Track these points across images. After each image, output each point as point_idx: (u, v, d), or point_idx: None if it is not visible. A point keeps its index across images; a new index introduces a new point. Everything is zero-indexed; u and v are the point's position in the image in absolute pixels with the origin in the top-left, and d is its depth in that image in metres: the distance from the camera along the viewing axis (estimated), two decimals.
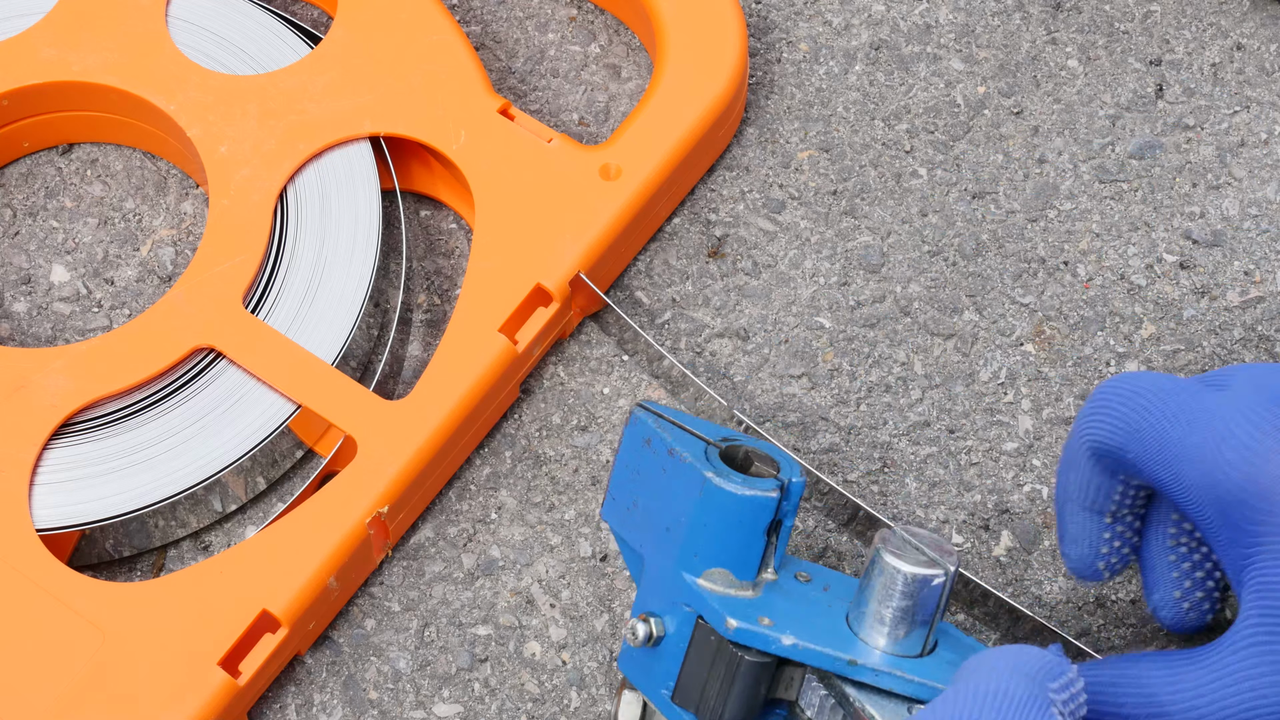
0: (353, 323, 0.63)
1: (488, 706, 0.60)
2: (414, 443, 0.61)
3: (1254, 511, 0.46)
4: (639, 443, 0.52)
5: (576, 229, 0.65)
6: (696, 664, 0.50)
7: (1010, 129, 0.71)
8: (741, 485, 0.49)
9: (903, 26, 0.74)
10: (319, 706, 0.60)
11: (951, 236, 0.69)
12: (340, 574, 0.59)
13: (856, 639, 0.50)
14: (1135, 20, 0.74)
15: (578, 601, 0.62)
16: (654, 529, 0.51)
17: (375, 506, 0.59)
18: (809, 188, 0.70)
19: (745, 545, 0.50)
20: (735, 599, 0.50)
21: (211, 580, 0.58)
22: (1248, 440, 0.46)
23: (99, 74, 0.68)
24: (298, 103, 0.67)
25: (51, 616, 0.58)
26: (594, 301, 0.65)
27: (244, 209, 0.65)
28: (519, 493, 0.64)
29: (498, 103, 0.67)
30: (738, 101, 0.69)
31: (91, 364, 0.63)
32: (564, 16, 0.75)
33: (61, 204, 0.71)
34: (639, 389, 0.66)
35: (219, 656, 0.57)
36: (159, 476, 0.61)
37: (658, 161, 0.66)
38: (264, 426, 0.62)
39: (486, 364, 0.62)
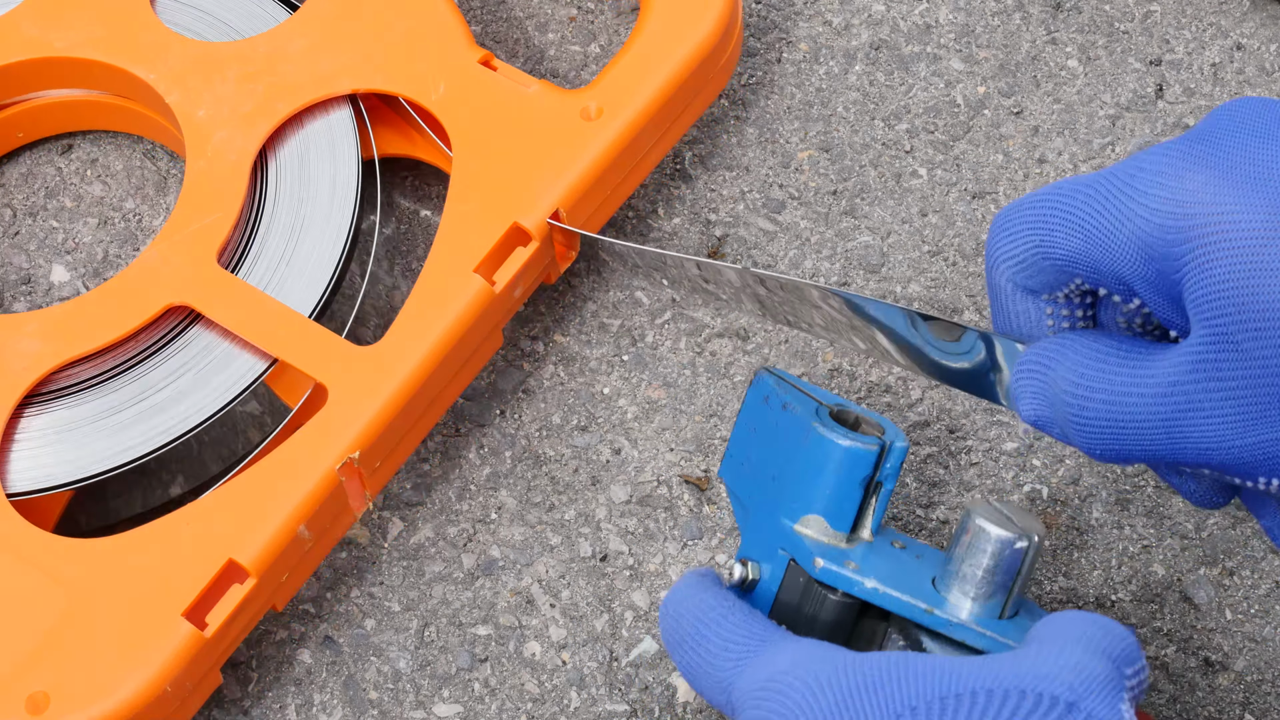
0: (329, 278, 0.63)
1: (488, 706, 0.60)
2: (385, 387, 0.59)
3: (1172, 233, 0.44)
4: (758, 400, 0.55)
5: (555, 169, 0.64)
6: (785, 604, 0.53)
7: (1010, 129, 0.71)
8: (843, 436, 0.52)
9: (903, 26, 0.74)
10: (319, 706, 0.60)
11: (951, 236, 0.69)
12: (312, 523, 0.58)
13: (939, 595, 0.52)
14: (1135, 20, 0.74)
15: (578, 601, 0.62)
16: (761, 479, 0.54)
17: (346, 452, 0.58)
18: (809, 188, 0.70)
19: (842, 495, 0.52)
20: (827, 545, 0.52)
21: (177, 532, 0.57)
22: (1157, 167, 0.45)
23: (81, 49, 0.68)
24: (277, 65, 0.67)
25: (13, 574, 0.57)
26: (575, 240, 0.64)
27: (220, 169, 0.65)
28: (519, 493, 0.64)
29: (478, 54, 0.67)
30: (728, 43, 0.68)
31: (64, 326, 0.62)
32: (564, 16, 0.75)
33: (61, 204, 0.71)
34: (639, 389, 0.66)
35: (183, 607, 0.56)
36: (130, 439, 0.61)
37: (639, 101, 0.65)
38: (238, 383, 0.61)
39: (462, 305, 0.61)
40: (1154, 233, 0.45)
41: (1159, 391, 0.45)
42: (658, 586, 0.61)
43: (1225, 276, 0.43)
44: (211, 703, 0.60)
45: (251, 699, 0.60)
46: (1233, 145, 0.44)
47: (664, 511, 0.63)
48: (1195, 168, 0.44)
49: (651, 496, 0.63)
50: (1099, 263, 0.46)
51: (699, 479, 0.64)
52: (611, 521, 0.63)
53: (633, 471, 0.64)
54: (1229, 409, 0.44)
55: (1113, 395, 0.46)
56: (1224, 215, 0.43)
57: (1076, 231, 0.47)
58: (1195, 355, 0.44)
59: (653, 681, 0.60)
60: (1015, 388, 0.49)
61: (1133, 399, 0.46)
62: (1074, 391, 0.47)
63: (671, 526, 0.63)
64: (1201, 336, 0.44)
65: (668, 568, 0.62)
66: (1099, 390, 0.46)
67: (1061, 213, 0.47)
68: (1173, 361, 0.45)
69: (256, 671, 0.61)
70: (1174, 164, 0.45)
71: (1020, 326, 0.50)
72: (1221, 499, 0.51)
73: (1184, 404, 0.45)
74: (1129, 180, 0.46)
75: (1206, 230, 0.44)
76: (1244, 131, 0.45)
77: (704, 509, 0.63)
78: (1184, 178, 0.44)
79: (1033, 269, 0.48)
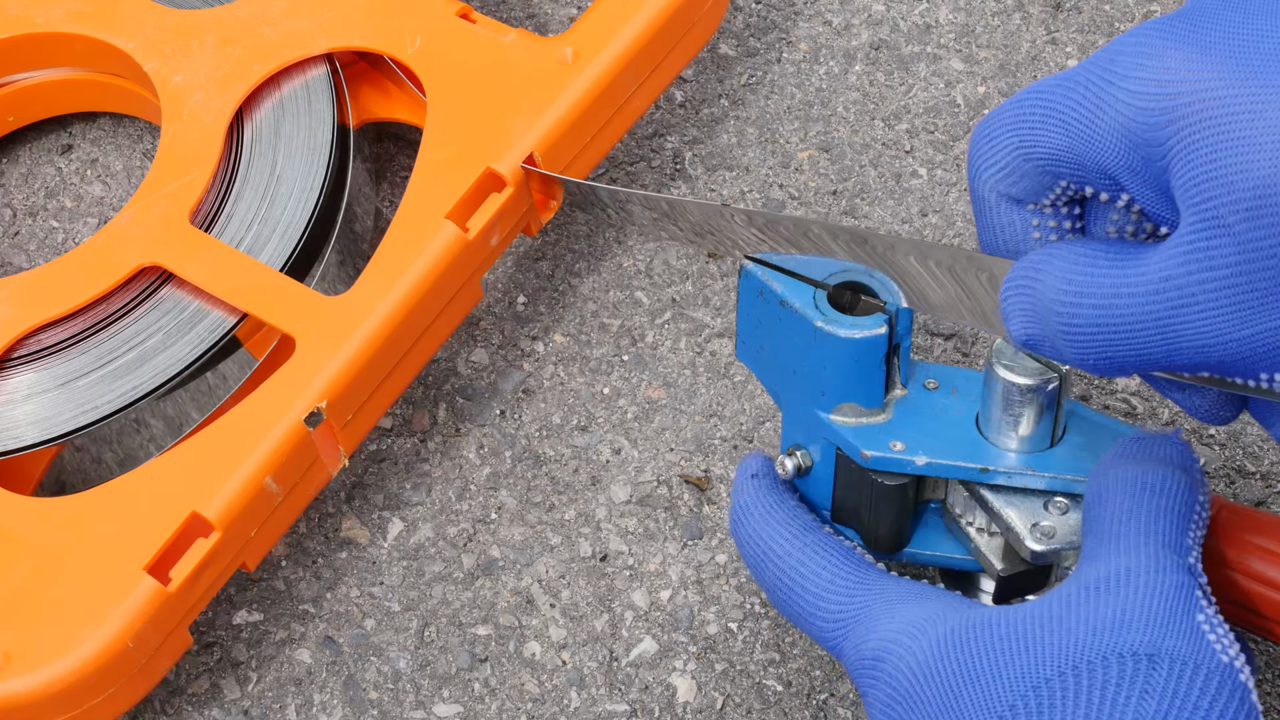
0: (300, 234, 0.63)
1: (488, 706, 0.60)
2: (354, 335, 0.59)
3: (1155, 115, 0.42)
4: (753, 295, 0.54)
5: (530, 114, 0.63)
6: (845, 489, 0.54)
7: None
8: (850, 328, 0.52)
9: (903, 26, 0.74)
10: (319, 706, 0.60)
11: (951, 237, 0.69)
12: (280, 476, 0.57)
13: (987, 444, 0.53)
14: (1135, 20, 0.74)
15: (578, 601, 0.62)
16: (781, 371, 0.54)
17: (313, 403, 0.58)
18: (809, 188, 0.70)
19: (867, 379, 0.52)
20: (867, 427, 0.53)
21: (140, 487, 0.57)
22: (1135, 48, 0.43)
23: (62, 23, 0.68)
24: (255, 29, 0.67)
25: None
26: (554, 188, 0.64)
27: (195, 131, 0.65)
28: (519, 493, 0.64)
29: (456, 6, 0.67)
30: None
31: (35, 291, 0.62)
32: (564, 16, 0.75)
33: (61, 204, 0.71)
34: (639, 389, 0.66)
35: (146, 562, 0.55)
36: (96, 398, 0.60)
37: (617, 44, 0.65)
38: (205, 340, 0.61)
39: (434, 253, 0.60)
40: (1136, 117, 0.43)
41: (1150, 289, 0.43)
42: (658, 586, 0.62)
43: (1212, 155, 0.41)
44: (212, 702, 0.60)
45: (251, 699, 0.60)
46: (1214, 20, 0.42)
47: (664, 511, 0.63)
48: (1175, 45, 0.42)
49: (651, 496, 0.63)
50: (1082, 156, 0.44)
51: (699, 479, 0.64)
52: (611, 521, 0.63)
53: (633, 471, 0.64)
54: (1224, 299, 0.42)
55: (1102, 299, 0.44)
56: (1207, 91, 0.41)
57: (1057, 126, 0.45)
58: (1186, 245, 0.42)
59: (653, 681, 0.60)
60: (1005, 307, 0.47)
61: (1123, 300, 0.43)
62: (1062, 300, 0.45)
63: (671, 526, 0.63)
64: (1191, 224, 0.42)
65: (668, 568, 0.62)
66: (1088, 296, 0.44)
67: (1041, 109, 0.45)
68: (1163, 255, 0.43)
69: (256, 671, 0.61)
70: (1153, 43, 0.43)
71: (1007, 241, 0.48)
72: (1229, 412, 0.48)
73: (1177, 299, 0.42)
74: (1108, 65, 0.43)
75: (1190, 109, 0.41)
76: (1225, 7, 0.42)
77: (704, 509, 0.63)
78: (1164, 56, 0.42)
79: (1016, 173, 0.46)
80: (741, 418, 0.65)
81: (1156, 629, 0.44)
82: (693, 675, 0.60)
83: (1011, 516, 0.52)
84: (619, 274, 0.68)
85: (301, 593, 0.62)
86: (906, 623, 0.48)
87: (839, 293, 0.53)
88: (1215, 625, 0.45)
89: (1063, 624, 0.45)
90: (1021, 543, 0.52)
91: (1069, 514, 0.52)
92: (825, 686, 0.59)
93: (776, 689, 0.59)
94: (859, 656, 0.49)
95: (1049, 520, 0.52)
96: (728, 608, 0.61)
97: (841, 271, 0.53)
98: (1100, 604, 0.45)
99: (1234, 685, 0.44)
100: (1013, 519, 0.52)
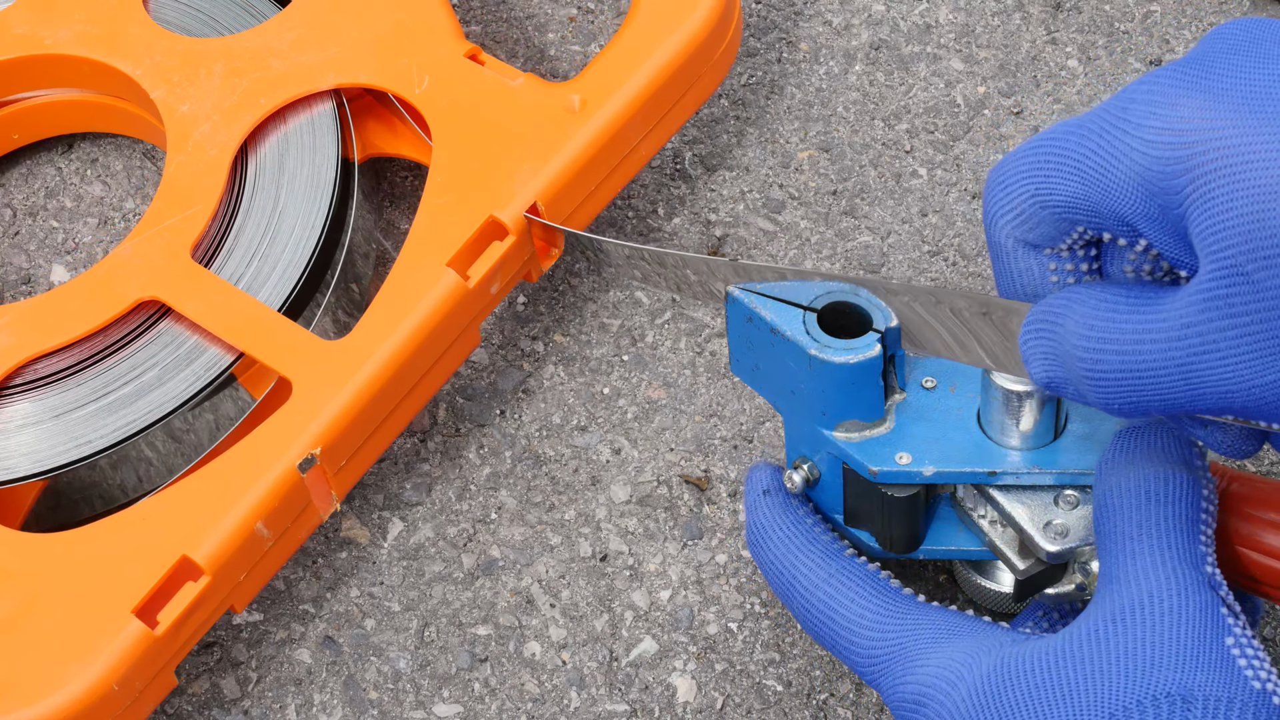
0: (300, 274, 0.62)
1: (488, 706, 0.60)
2: (350, 381, 0.58)
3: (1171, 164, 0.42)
4: (742, 321, 0.54)
5: (535, 162, 0.63)
6: (855, 499, 0.55)
7: (1010, 129, 0.71)
8: (844, 353, 0.52)
9: (903, 26, 0.74)
10: (319, 706, 0.60)
11: (951, 236, 0.69)
12: (271, 521, 0.57)
13: (991, 444, 0.53)
14: (1135, 20, 0.74)
15: (578, 601, 0.62)
16: (780, 391, 0.54)
17: (307, 448, 0.57)
18: (809, 188, 0.70)
19: (865, 398, 0.53)
20: (871, 441, 0.53)
21: (131, 527, 0.57)
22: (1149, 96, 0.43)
23: (69, 46, 0.68)
24: (263, 60, 0.67)
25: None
26: (556, 236, 0.63)
27: (199, 163, 0.65)
28: (519, 493, 0.64)
29: (465, 48, 0.66)
30: (722, 35, 0.67)
31: (35, 320, 0.62)
32: (564, 16, 0.75)
33: (61, 204, 0.71)
34: (639, 389, 0.66)
35: (134, 604, 0.55)
36: (90, 433, 0.60)
37: (624, 94, 0.64)
38: (202, 377, 0.61)
39: (433, 299, 0.60)
40: (1152, 165, 0.42)
41: (1172, 335, 0.43)
42: (658, 586, 0.61)
43: (1230, 205, 0.41)
44: (212, 703, 0.60)
45: (251, 699, 0.60)
46: (1226, 67, 0.42)
47: (664, 511, 0.63)
48: (1189, 92, 0.42)
49: (651, 496, 0.63)
50: (1099, 204, 0.44)
51: (699, 479, 0.64)
52: (611, 521, 0.63)
53: (633, 471, 0.64)
54: (1246, 347, 0.42)
55: (1125, 345, 0.44)
56: (1222, 140, 0.41)
57: (1072, 174, 0.44)
58: (1206, 292, 0.42)
59: (653, 681, 0.60)
60: (1025, 351, 0.47)
61: (1146, 347, 0.43)
62: (1085, 346, 0.45)
63: (671, 526, 0.63)
64: (1211, 271, 0.42)
65: (668, 568, 0.62)
66: (1110, 341, 0.44)
67: (1056, 156, 0.45)
68: (1184, 301, 0.43)
69: (256, 671, 0.61)
70: (1166, 91, 0.43)
71: (1024, 285, 0.48)
72: (1251, 446, 0.48)
73: (1199, 346, 0.42)
74: (1121, 114, 0.43)
75: (1205, 157, 0.41)
76: (1237, 52, 0.42)
77: (704, 509, 0.63)
78: (1178, 104, 0.42)
79: (1032, 219, 0.46)
80: (741, 418, 0.65)
81: (1188, 665, 0.45)
82: (693, 675, 0.60)
83: (1022, 516, 0.52)
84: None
85: (301, 593, 0.62)
86: (942, 667, 0.49)
87: (827, 317, 0.53)
88: (1245, 646, 0.45)
89: (1096, 666, 0.45)
90: (1036, 544, 0.52)
91: (1080, 507, 0.52)
92: (825, 686, 0.59)
93: (776, 689, 0.59)
94: (899, 699, 0.50)
95: (1061, 517, 0.52)
96: (728, 608, 0.61)
97: (826, 293, 0.53)
98: (1128, 637, 0.46)
99: (1269, 712, 0.44)
100: (1024, 519, 0.52)
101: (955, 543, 0.55)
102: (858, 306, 0.53)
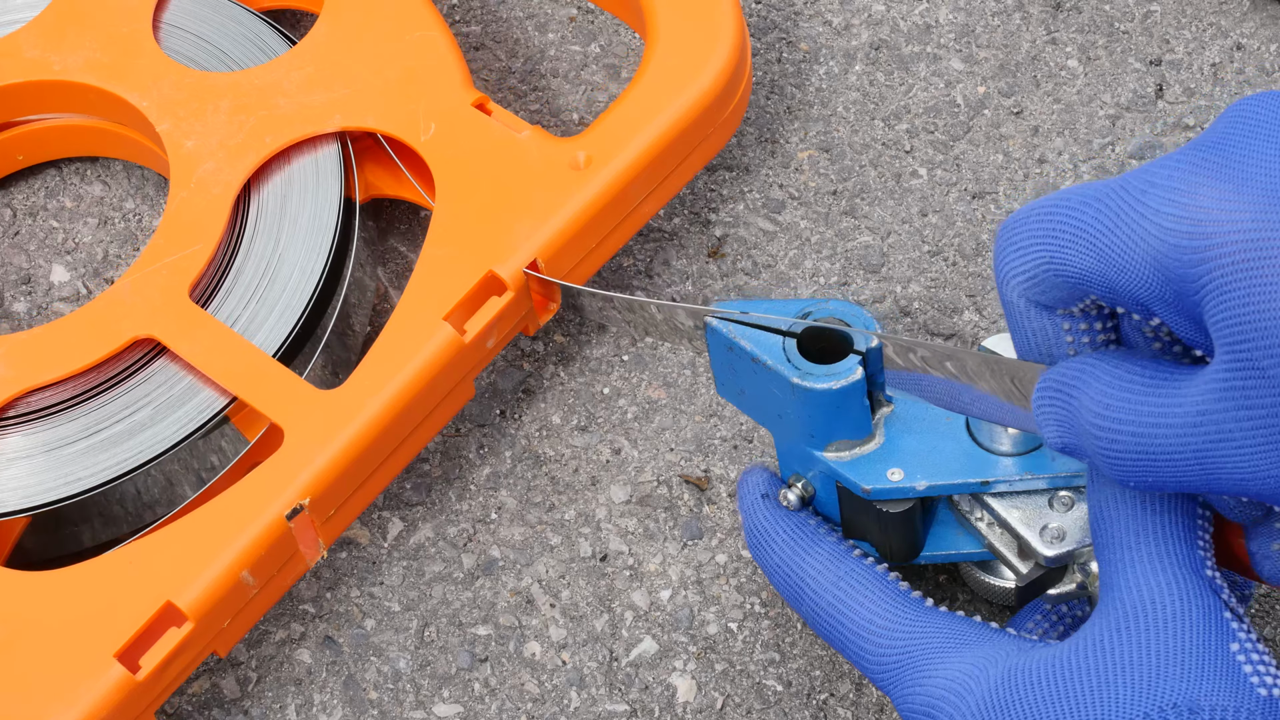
0: (297, 318, 0.62)
1: (488, 706, 0.60)
2: (342, 432, 0.58)
3: (1188, 253, 0.42)
4: (723, 350, 0.54)
5: (537, 217, 0.62)
6: (851, 513, 0.55)
7: (1010, 129, 0.71)
8: (826, 379, 0.52)
9: (903, 26, 0.74)
10: (319, 706, 0.60)
11: (951, 236, 0.69)
12: (257, 569, 0.57)
13: (982, 451, 0.53)
14: (1135, 20, 0.74)
15: (578, 601, 0.62)
16: (767, 415, 0.54)
17: (296, 499, 0.57)
18: (809, 188, 0.70)
19: (852, 418, 0.53)
20: (862, 459, 0.53)
21: (116, 571, 0.56)
22: (1168, 182, 0.42)
23: (78, 73, 0.68)
24: (270, 98, 0.66)
25: None
26: (555, 291, 0.63)
27: (202, 201, 0.64)
28: (519, 493, 0.64)
29: (473, 97, 0.66)
30: (731, 95, 0.67)
31: (30, 353, 0.62)
32: (564, 16, 0.75)
33: (61, 204, 0.71)
34: (639, 389, 0.66)
35: (117, 649, 0.54)
36: (81, 470, 0.60)
37: (629, 153, 0.64)
38: (195, 419, 0.60)
39: (428, 354, 0.60)
40: (1169, 254, 0.42)
41: (1188, 422, 0.43)
42: (658, 586, 0.61)
43: (1246, 300, 0.41)
44: (212, 703, 0.60)
45: (251, 699, 0.60)
46: (1245, 152, 0.42)
47: (664, 511, 0.63)
48: (1208, 180, 0.42)
49: (651, 496, 0.63)
50: (1114, 283, 0.44)
51: (699, 479, 0.64)
52: (611, 521, 0.63)
53: (633, 471, 0.64)
54: (1260, 439, 0.42)
55: (1141, 427, 0.44)
56: (1241, 234, 0.41)
57: (1089, 250, 0.44)
58: (1223, 382, 0.42)
59: (653, 681, 0.60)
60: (1038, 415, 0.47)
61: (1161, 431, 0.43)
62: (1100, 424, 0.45)
63: (671, 526, 0.63)
64: (1227, 363, 0.42)
65: (668, 568, 0.62)
66: (1126, 423, 0.44)
67: (1072, 227, 0.45)
68: (1200, 389, 0.43)
69: (256, 671, 0.61)
70: (1185, 178, 0.42)
71: (1039, 345, 0.48)
72: (1259, 513, 0.49)
73: (1215, 435, 0.42)
74: (1140, 197, 0.43)
75: (1224, 250, 0.41)
76: (1257, 136, 0.42)
77: (704, 509, 0.63)
78: (1196, 193, 0.42)
79: (1045, 285, 0.46)
80: (741, 418, 0.65)
81: (1192, 674, 0.45)
82: (693, 675, 0.60)
83: (1018, 522, 0.52)
84: (619, 273, 0.68)
85: (301, 593, 0.62)
86: (950, 679, 0.49)
87: (806, 344, 0.53)
88: (1250, 651, 0.45)
89: (1101, 678, 0.45)
90: (1034, 549, 0.52)
91: (1075, 509, 0.52)
92: (825, 686, 0.59)
93: (776, 689, 0.59)
94: (909, 708, 0.50)
95: (1057, 520, 0.52)
96: (728, 608, 0.61)
97: (804, 315, 0.53)
98: (1132, 647, 0.46)
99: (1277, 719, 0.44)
100: (1020, 525, 0.52)
101: (956, 546, 0.55)
102: (840, 322, 0.53)
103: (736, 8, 0.67)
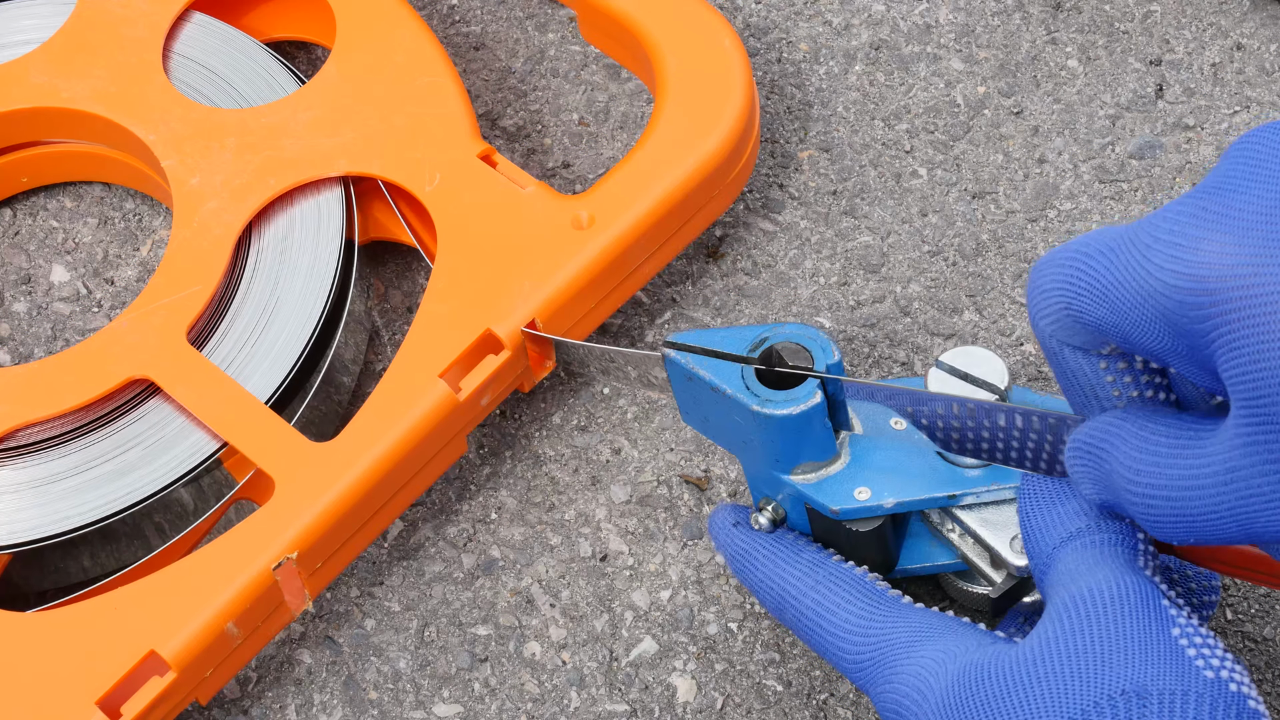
0: (291, 365, 0.62)
1: (488, 706, 0.60)
2: (333, 486, 0.58)
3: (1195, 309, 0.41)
4: (683, 379, 0.54)
5: (538, 277, 0.61)
6: (823, 533, 0.55)
7: (1010, 129, 0.71)
8: (785, 405, 0.52)
9: (903, 26, 0.74)
10: (319, 706, 0.60)
11: (951, 236, 0.69)
12: (241, 621, 0.56)
13: (948, 465, 0.53)
14: (1135, 20, 0.74)
15: (577, 601, 0.62)
16: (732, 441, 0.55)
17: (284, 551, 0.56)
18: (809, 188, 0.70)
19: (815, 440, 0.53)
20: (828, 480, 0.54)
21: (101, 616, 0.56)
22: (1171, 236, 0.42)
23: (85, 102, 0.67)
24: (276, 138, 0.66)
25: None
26: (551, 349, 0.62)
27: (204, 242, 0.64)
28: (519, 493, 0.64)
29: (479, 148, 0.65)
30: (738, 158, 0.65)
31: (25, 388, 0.61)
32: (564, 16, 0.75)
33: (61, 204, 0.71)
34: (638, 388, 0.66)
35: (98, 696, 0.54)
36: (67, 509, 0.60)
37: (633, 213, 0.63)
38: (185, 462, 0.60)
39: (422, 410, 0.59)
40: (1176, 310, 0.42)
41: (1218, 480, 0.42)
42: (658, 586, 0.62)
43: (1257, 355, 0.40)
44: (212, 703, 0.60)
45: (251, 699, 0.60)
46: (1246, 198, 0.41)
47: (664, 511, 0.63)
48: (1210, 232, 0.41)
49: (651, 496, 0.63)
50: (1128, 335, 0.44)
51: (699, 479, 0.64)
52: (611, 521, 0.63)
53: (633, 471, 0.64)
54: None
55: (1174, 491, 0.44)
56: (1245, 287, 0.40)
57: (1102, 301, 0.44)
58: (1245, 438, 0.41)
59: (653, 681, 0.60)
60: (1071, 472, 0.47)
61: (1194, 493, 0.43)
62: (1134, 490, 0.45)
63: (671, 526, 0.63)
64: (1245, 418, 0.41)
65: (668, 568, 0.62)
66: (1159, 487, 0.44)
67: (1087, 279, 0.44)
68: (1226, 445, 0.42)
69: (256, 671, 0.61)
70: (1188, 230, 0.42)
71: (1082, 385, 0.47)
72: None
73: (1245, 491, 0.42)
74: (1145, 252, 0.43)
75: (1229, 303, 0.40)
76: (1258, 179, 0.41)
77: (704, 509, 0.63)
78: (1199, 247, 0.41)
79: (1069, 329, 0.46)
80: None
81: (1136, 661, 0.45)
82: (693, 675, 0.60)
83: (988, 535, 0.53)
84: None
85: None
86: (913, 675, 0.50)
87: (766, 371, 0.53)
88: (1193, 635, 0.45)
89: (1050, 668, 0.46)
90: (1004, 559, 0.52)
91: None
92: (825, 686, 0.59)
93: (776, 689, 0.59)
94: (882, 706, 0.50)
95: None
96: (728, 608, 0.61)
97: (760, 341, 0.53)
98: (1077, 637, 0.46)
99: (1226, 701, 0.44)
100: (989, 537, 0.53)
101: (931, 558, 0.56)
102: (793, 344, 0.53)
103: (747, 68, 0.66)
